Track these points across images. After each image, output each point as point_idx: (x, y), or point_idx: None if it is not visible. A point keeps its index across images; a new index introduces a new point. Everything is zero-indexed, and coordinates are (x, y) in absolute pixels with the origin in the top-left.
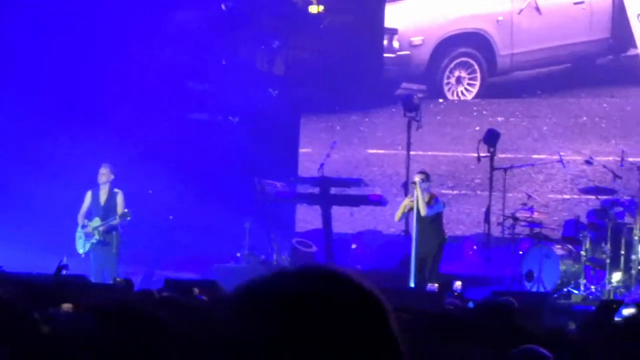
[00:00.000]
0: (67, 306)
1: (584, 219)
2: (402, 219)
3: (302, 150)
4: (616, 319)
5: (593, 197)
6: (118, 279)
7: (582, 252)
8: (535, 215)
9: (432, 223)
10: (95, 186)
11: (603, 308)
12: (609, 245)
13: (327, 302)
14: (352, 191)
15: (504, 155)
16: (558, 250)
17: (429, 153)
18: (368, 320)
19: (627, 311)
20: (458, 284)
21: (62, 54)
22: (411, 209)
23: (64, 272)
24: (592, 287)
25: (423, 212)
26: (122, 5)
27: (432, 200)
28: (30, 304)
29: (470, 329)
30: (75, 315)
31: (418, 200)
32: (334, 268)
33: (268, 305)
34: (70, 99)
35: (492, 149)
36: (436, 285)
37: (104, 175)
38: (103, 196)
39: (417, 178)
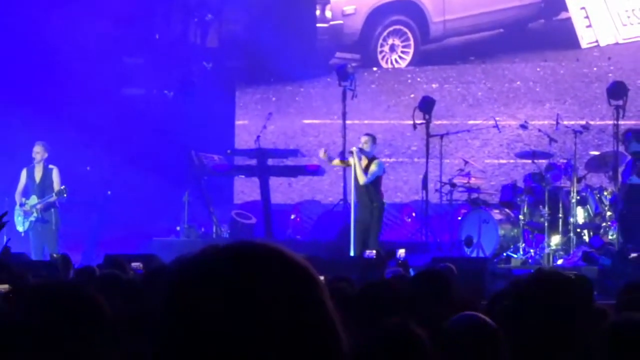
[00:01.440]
0: (2, 287)
1: (521, 184)
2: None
3: (238, 122)
4: None
5: (529, 161)
6: (55, 255)
7: (520, 217)
8: (473, 180)
9: (370, 188)
10: (30, 164)
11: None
12: (547, 209)
13: (257, 283)
14: (290, 162)
15: (439, 122)
16: (496, 215)
17: (365, 122)
18: (303, 299)
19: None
20: (401, 251)
21: None
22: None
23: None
24: (531, 250)
25: (361, 180)
26: None
27: (373, 164)
28: None
29: (408, 300)
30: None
31: (355, 168)
32: (265, 244)
33: (201, 292)
34: (3, 78)
35: (427, 116)
36: (374, 251)
37: (39, 153)
38: (38, 174)
39: (362, 140)
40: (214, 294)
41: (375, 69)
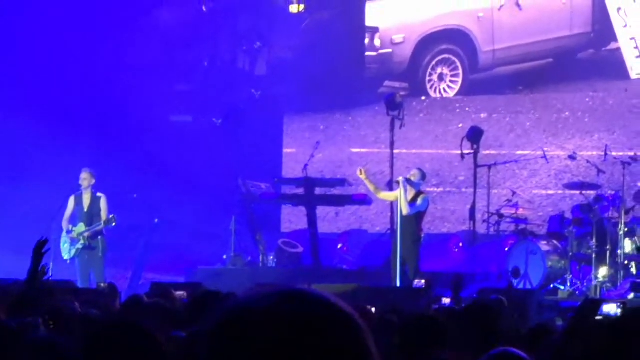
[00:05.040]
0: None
1: (569, 215)
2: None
3: (285, 151)
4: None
5: (577, 192)
6: (103, 285)
7: (568, 248)
8: (520, 211)
9: (411, 222)
10: (77, 191)
11: (584, 307)
12: (594, 241)
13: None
14: (337, 191)
15: (487, 152)
16: (544, 246)
17: (413, 151)
18: (348, 344)
19: (608, 308)
20: (422, 282)
21: (44, 57)
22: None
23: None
24: (579, 282)
25: (405, 210)
26: (103, 6)
27: (420, 198)
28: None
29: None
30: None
31: (400, 199)
32: (312, 293)
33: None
34: (51, 103)
35: (475, 146)
36: (423, 281)
37: (86, 180)
38: (86, 201)
39: (411, 175)
40: (260, 341)
41: (423, 98)
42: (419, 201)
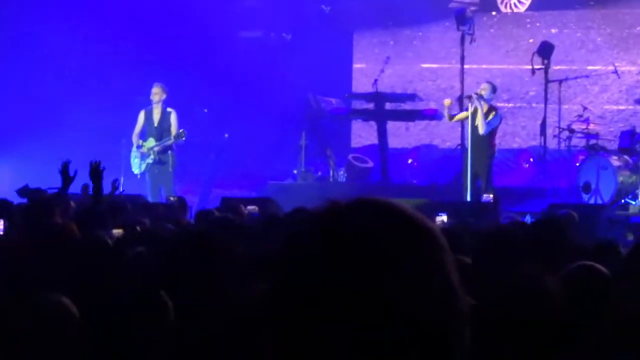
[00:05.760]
0: (117, 231)
1: None
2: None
3: (355, 66)
4: None
5: None
6: (172, 198)
7: (639, 163)
8: (591, 126)
9: (486, 137)
10: (147, 106)
11: None
12: None
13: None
14: (407, 106)
15: (558, 67)
16: (615, 161)
17: (483, 66)
18: (428, 262)
19: None
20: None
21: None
22: (466, 118)
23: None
24: None
25: (481, 129)
26: None
27: (492, 115)
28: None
29: (526, 246)
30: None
31: (477, 114)
32: (391, 204)
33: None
34: (123, 18)
35: (546, 61)
36: (491, 195)
37: (157, 94)
38: (156, 116)
39: (481, 89)
40: (337, 251)
41: (494, 13)
42: (490, 117)
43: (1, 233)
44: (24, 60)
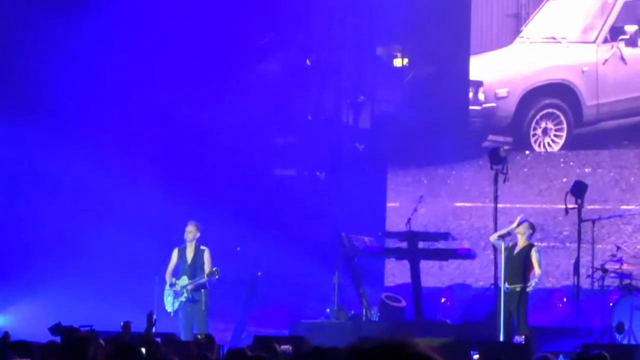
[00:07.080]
0: None
1: None
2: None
3: (389, 205)
4: None
5: None
6: (200, 336)
7: None
8: (625, 266)
9: (518, 274)
10: (181, 244)
11: None
12: None
13: None
14: (441, 245)
15: (592, 207)
16: None
17: (517, 205)
18: None
19: None
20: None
21: (149, 108)
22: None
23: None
24: None
25: (538, 272)
26: (209, 60)
27: (536, 252)
28: None
29: None
30: None
31: (533, 260)
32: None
33: None
34: (157, 155)
35: (579, 201)
36: (523, 337)
37: (191, 232)
38: (190, 254)
39: (521, 228)
40: None
41: (527, 152)
42: (536, 254)
43: None
44: (65, 203)
